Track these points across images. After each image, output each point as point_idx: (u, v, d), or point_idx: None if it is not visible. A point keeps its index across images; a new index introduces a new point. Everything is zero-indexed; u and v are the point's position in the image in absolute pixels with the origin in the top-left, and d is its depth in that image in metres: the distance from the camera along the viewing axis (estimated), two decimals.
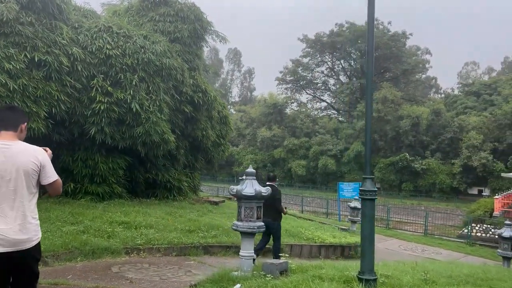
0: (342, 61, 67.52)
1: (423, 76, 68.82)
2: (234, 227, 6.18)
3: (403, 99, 53.79)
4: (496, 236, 23.12)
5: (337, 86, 67.02)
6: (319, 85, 69.87)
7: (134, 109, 11.60)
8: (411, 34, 59.36)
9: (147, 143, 12.16)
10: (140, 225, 9.85)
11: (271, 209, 8.80)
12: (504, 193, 29.97)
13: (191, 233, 10.06)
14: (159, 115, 12.25)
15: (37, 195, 3.00)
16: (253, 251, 6.93)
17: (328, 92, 69.80)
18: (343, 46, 63.36)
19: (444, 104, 55.01)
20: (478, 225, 24.79)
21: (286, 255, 6.35)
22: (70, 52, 10.77)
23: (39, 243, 2.99)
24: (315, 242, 12.21)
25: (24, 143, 2.98)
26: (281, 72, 68.84)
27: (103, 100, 11.19)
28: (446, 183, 45.94)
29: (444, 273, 5.72)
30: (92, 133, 11.29)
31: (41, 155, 2.97)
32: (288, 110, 64.11)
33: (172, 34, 14.10)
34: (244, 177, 6.46)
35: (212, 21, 15.93)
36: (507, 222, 11.76)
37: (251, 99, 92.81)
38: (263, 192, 6.06)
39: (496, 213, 25.61)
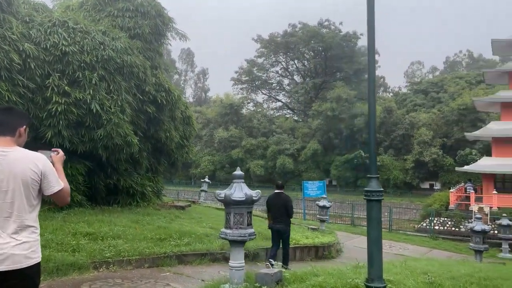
0: (296, 61, 68.16)
1: None
2: (222, 236, 5.67)
3: (356, 97, 55.01)
4: (453, 229, 24.01)
5: (292, 86, 67.61)
6: (274, 85, 70.17)
7: (94, 110, 10.73)
8: (362, 34, 60.77)
9: (109, 146, 11.33)
10: (106, 235, 9.07)
11: (283, 215, 9.11)
12: (457, 187, 31.21)
13: (163, 242, 9.42)
14: (121, 116, 11.44)
15: (38, 207, 2.68)
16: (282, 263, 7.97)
17: (283, 92, 70.29)
18: (296, 46, 63.94)
19: (395, 102, 56.82)
20: (436, 218, 25.51)
21: (279, 263, 5.90)
22: (21, 49, 9.76)
23: (38, 264, 2.62)
24: (289, 244, 11.88)
25: (23, 149, 2.67)
26: (236, 72, 68.61)
27: (60, 100, 10.24)
28: (399, 178, 47.41)
29: (444, 274, 5.51)
30: (49, 137, 10.32)
31: (42, 162, 2.63)
32: (244, 110, 63.86)
33: (132, 30, 13.28)
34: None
35: (173, 17, 15.28)
36: (478, 215, 11.98)
37: (205, 99, 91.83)
38: (253, 196, 5.61)
39: (451, 206, 26.48)
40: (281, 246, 9.33)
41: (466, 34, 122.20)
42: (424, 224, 26.01)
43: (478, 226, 10.95)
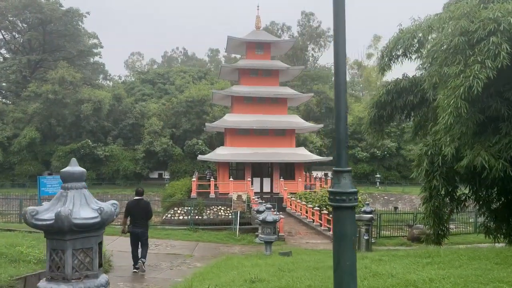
0: (2, 32, 56.56)
1: (93, 60, 66.03)
2: None
3: (83, 81, 50.17)
4: (197, 217, 24.30)
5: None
6: None
7: None
8: (88, 13, 55.87)
9: None
10: None
11: (144, 220, 10.24)
12: (195, 175, 32.12)
13: None
14: None
15: None
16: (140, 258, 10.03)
17: None
18: (4, 14, 53.04)
19: (124, 90, 54.85)
20: (180, 208, 25.32)
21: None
22: None
23: None
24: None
25: None
26: None
27: None
28: (129, 169, 45.87)
29: None
30: None
31: None
32: None
33: None
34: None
35: None
36: (268, 205, 11.72)
37: None
38: (114, 213, 3.01)
39: (193, 195, 26.86)
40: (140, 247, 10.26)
41: (182, 33, 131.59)
42: (169, 215, 25.46)
43: (270, 216, 10.65)
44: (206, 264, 11.64)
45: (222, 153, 28.95)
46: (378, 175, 46.74)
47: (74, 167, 3.05)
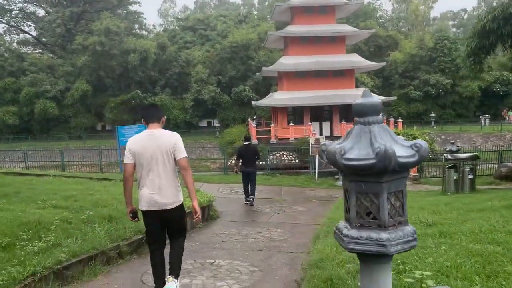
0: None
1: (132, 9, 64.82)
2: (367, 246, 2.45)
3: (127, 31, 49.82)
4: (268, 163, 24.21)
5: (41, 15, 56.13)
6: (15, 12, 56.66)
7: None
8: None
9: None
10: None
11: (252, 161, 11.77)
12: (255, 121, 31.80)
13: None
14: None
15: (175, 167, 4.29)
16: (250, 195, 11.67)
17: (29, 22, 57.72)
18: None
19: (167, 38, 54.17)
20: None
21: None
22: None
23: (180, 204, 4.36)
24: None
25: (164, 130, 4.34)
26: None
27: None
28: (180, 118, 46.24)
29: None
30: None
31: (174, 137, 4.30)
32: None
33: None
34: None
35: None
36: None
37: None
38: (428, 150, 2.59)
39: (254, 140, 26.67)
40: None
41: None
42: (233, 161, 25.55)
43: None
44: (307, 208, 11.51)
45: (279, 98, 28.33)
46: (432, 114, 45.06)
47: (369, 98, 2.59)
